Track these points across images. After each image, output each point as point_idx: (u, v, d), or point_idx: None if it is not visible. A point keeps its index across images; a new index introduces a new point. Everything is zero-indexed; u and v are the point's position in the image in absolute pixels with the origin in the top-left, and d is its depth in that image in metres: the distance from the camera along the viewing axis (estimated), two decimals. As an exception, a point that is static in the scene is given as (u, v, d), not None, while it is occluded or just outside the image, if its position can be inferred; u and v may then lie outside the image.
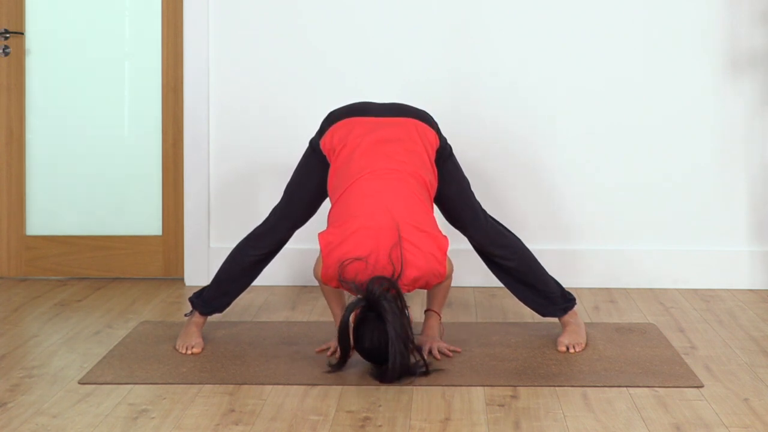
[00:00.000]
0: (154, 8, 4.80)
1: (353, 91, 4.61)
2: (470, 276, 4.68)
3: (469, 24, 4.64)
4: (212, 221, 4.76)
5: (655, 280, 4.69)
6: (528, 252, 3.73)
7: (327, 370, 3.36)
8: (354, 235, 3.29)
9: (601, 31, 4.64)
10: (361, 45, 4.67)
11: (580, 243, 4.71)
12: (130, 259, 4.86)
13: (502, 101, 4.66)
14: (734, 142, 4.65)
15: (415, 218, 3.32)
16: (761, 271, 4.66)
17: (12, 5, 4.79)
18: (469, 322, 4.05)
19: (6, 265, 4.88)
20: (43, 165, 4.86)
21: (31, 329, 3.99)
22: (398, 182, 3.38)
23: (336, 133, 3.53)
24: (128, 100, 4.85)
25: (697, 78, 4.64)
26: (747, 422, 2.95)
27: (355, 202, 3.35)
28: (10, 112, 4.83)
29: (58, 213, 4.88)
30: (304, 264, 4.69)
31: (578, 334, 3.70)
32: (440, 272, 3.33)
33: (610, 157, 4.68)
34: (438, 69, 4.66)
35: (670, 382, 3.28)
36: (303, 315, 4.20)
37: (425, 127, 3.54)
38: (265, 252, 3.71)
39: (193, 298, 3.76)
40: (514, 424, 2.94)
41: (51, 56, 4.84)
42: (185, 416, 3.00)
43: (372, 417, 2.99)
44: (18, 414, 3.01)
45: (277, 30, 4.68)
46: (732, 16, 4.61)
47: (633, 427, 2.92)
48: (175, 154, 4.81)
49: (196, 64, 4.69)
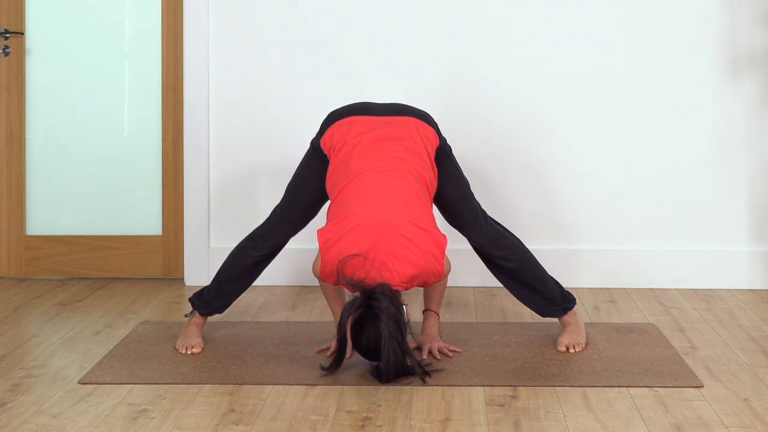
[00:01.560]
0: (154, 8, 4.80)
1: (354, 91, 4.61)
2: (470, 276, 4.68)
3: (470, 24, 4.64)
4: (212, 221, 4.76)
5: (655, 280, 4.69)
6: (527, 252, 3.72)
7: (321, 374, 3.34)
8: (352, 231, 3.29)
9: (601, 30, 4.64)
10: (362, 45, 4.67)
11: (580, 243, 4.71)
12: (130, 259, 4.86)
13: (501, 101, 4.66)
14: (734, 142, 4.65)
15: (414, 215, 3.32)
16: (761, 271, 4.66)
17: (12, 5, 4.79)
18: (469, 322, 4.05)
19: (6, 265, 4.88)
20: (43, 165, 4.86)
21: (31, 329, 3.99)
22: (398, 179, 3.38)
23: (336, 132, 3.53)
24: (128, 100, 4.85)
25: (697, 78, 4.64)
26: (747, 422, 2.95)
27: (354, 198, 3.35)
28: (10, 112, 4.83)
29: (58, 213, 4.88)
30: (304, 264, 4.69)
31: (578, 334, 3.70)
32: (438, 271, 3.33)
33: (610, 157, 4.68)
34: (438, 69, 4.65)
35: (670, 382, 3.28)
36: (303, 315, 4.20)
37: (425, 126, 3.55)
38: (265, 252, 3.70)
39: (193, 299, 3.76)
40: (514, 424, 2.94)
41: (51, 56, 4.84)
42: (185, 416, 3.00)
43: (372, 417, 2.99)
44: (18, 414, 3.01)
45: (277, 30, 4.68)
46: (732, 16, 4.61)
47: (633, 427, 2.92)
48: (175, 154, 4.81)
49: (196, 64, 4.69)
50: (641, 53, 4.64)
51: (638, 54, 4.64)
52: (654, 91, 4.65)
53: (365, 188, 3.36)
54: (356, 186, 3.37)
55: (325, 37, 4.67)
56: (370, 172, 3.39)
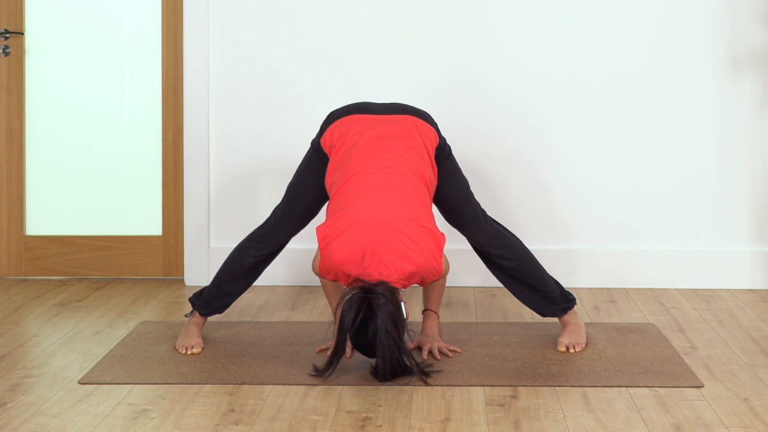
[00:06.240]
0: (154, 8, 4.80)
1: (354, 91, 4.61)
2: (470, 276, 4.68)
3: (471, 25, 4.64)
4: (212, 221, 4.76)
5: (655, 280, 4.69)
6: (527, 252, 3.72)
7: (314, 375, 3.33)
8: (351, 227, 3.29)
9: (601, 31, 4.64)
10: (362, 45, 4.67)
11: (580, 243, 4.71)
12: (130, 259, 4.86)
13: (502, 101, 4.66)
14: (734, 142, 4.65)
15: (413, 213, 3.32)
16: (761, 271, 4.66)
17: (12, 5, 4.79)
18: (469, 322, 4.05)
19: (6, 265, 4.88)
20: (43, 165, 4.86)
21: (31, 329, 3.99)
22: (397, 177, 3.38)
23: (336, 130, 3.53)
24: (128, 100, 4.85)
25: (697, 78, 4.64)
26: (747, 422, 2.95)
27: (352, 195, 3.35)
28: (10, 112, 4.83)
29: (58, 213, 4.88)
30: (304, 264, 4.69)
31: (578, 334, 3.70)
32: (437, 269, 3.32)
33: (609, 157, 4.68)
34: (438, 70, 4.65)
35: (670, 382, 3.29)
36: (303, 315, 4.20)
37: (425, 124, 3.55)
38: (265, 253, 3.70)
39: (193, 299, 3.76)
40: (514, 424, 2.94)
41: (51, 56, 4.84)
42: (185, 416, 3.00)
43: (372, 417, 2.99)
44: (18, 414, 3.01)
45: (277, 30, 4.68)
46: (732, 16, 4.61)
47: (633, 427, 2.92)
48: (175, 154, 4.81)
49: (196, 64, 4.69)
50: (641, 53, 4.64)
51: (638, 54, 4.64)
52: (654, 91, 4.65)
53: (365, 185, 3.36)
54: (356, 183, 3.37)
55: (326, 37, 4.67)
56: (370, 170, 3.39)
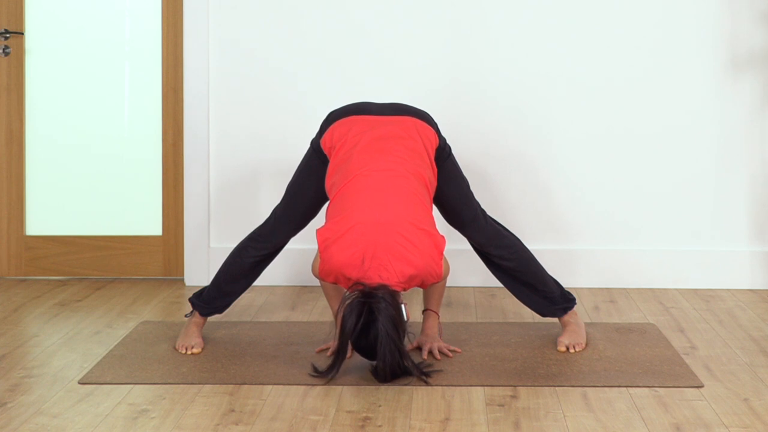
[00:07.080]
0: (154, 8, 4.80)
1: (354, 91, 4.61)
2: (470, 276, 4.68)
3: (471, 25, 4.64)
4: (212, 221, 4.76)
5: (655, 280, 4.69)
6: (527, 252, 3.72)
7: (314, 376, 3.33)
8: (351, 230, 3.28)
9: (601, 31, 4.64)
10: (362, 45, 4.67)
11: (580, 243, 4.71)
12: (130, 259, 4.86)
13: (502, 101, 4.66)
14: (734, 142, 4.65)
15: (413, 216, 3.32)
16: (761, 271, 4.66)
17: (12, 5, 4.79)
18: (469, 322, 4.05)
19: (6, 265, 4.88)
20: (43, 165, 4.86)
21: (31, 329, 3.99)
22: (397, 179, 3.38)
23: (336, 131, 3.53)
24: (128, 100, 4.85)
25: (697, 78, 4.64)
26: (747, 422, 2.95)
27: (353, 197, 3.35)
28: (10, 112, 4.83)
29: (58, 213, 4.88)
30: (304, 264, 4.69)
31: (578, 334, 3.70)
32: (437, 272, 3.32)
33: (609, 157, 4.68)
34: (438, 70, 4.65)
35: (670, 382, 3.28)
36: (303, 315, 4.20)
37: (425, 125, 3.54)
38: (265, 253, 3.70)
39: (193, 299, 3.76)
40: (514, 424, 2.94)
41: (51, 56, 4.84)
42: (185, 416, 3.00)
43: (372, 417, 2.99)
44: (18, 414, 3.01)
45: (277, 30, 4.68)
46: (732, 16, 4.61)
47: (633, 427, 2.92)
48: (175, 154, 4.81)
49: (196, 64, 4.69)
50: (641, 53, 4.64)
51: (638, 54, 4.64)
52: (654, 91, 4.65)
53: (365, 187, 3.36)
54: (356, 185, 3.37)
55: (326, 38, 4.67)
56: (370, 172, 3.38)
